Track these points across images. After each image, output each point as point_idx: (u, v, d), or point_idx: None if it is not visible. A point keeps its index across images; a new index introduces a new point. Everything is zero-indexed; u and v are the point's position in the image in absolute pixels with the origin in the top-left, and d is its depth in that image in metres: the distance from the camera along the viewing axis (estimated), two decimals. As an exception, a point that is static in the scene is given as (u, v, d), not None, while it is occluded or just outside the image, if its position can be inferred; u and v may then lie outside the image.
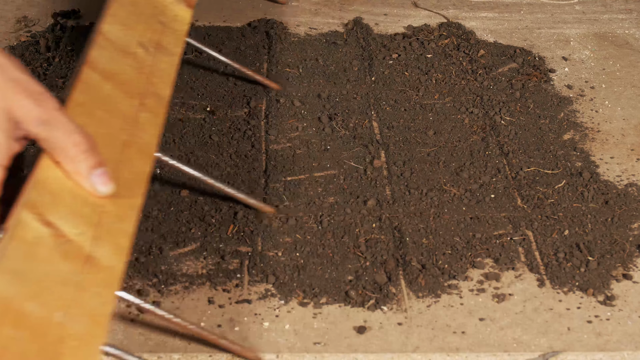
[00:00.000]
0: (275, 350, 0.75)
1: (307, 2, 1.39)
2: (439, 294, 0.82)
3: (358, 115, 1.08)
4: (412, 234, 0.89)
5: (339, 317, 0.79)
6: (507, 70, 1.19)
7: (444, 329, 0.78)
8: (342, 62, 1.19)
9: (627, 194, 0.95)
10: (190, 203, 0.92)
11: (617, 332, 0.78)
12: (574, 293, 0.82)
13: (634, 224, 0.91)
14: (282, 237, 0.88)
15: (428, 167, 0.98)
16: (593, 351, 0.76)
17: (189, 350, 0.75)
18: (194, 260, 0.85)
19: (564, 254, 0.86)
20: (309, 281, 0.83)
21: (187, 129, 1.04)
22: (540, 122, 1.07)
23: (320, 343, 0.76)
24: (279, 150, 1.01)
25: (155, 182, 0.95)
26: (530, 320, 0.79)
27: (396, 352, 0.76)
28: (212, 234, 0.88)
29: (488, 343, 0.77)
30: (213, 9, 1.35)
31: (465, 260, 0.86)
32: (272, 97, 1.11)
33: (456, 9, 1.37)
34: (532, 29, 1.31)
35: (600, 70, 1.20)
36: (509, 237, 0.89)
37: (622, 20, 1.35)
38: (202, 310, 0.79)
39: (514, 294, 0.82)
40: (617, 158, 1.02)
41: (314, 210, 0.92)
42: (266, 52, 1.22)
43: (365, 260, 0.85)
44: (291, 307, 0.80)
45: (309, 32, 1.28)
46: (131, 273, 0.82)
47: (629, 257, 0.87)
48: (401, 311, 0.80)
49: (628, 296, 0.82)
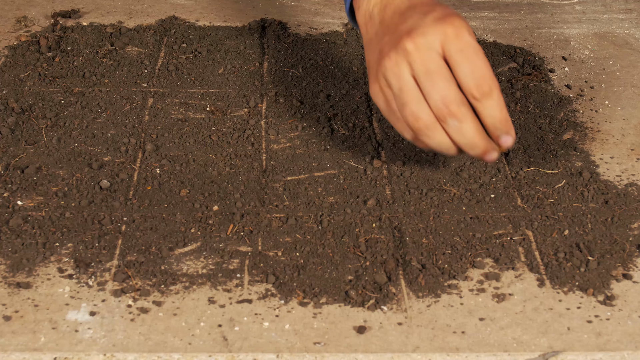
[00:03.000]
0: (275, 350, 0.75)
1: (307, 2, 1.39)
2: (439, 293, 0.82)
3: (358, 115, 1.08)
4: (412, 234, 0.89)
5: (339, 317, 0.79)
6: (507, 70, 1.19)
7: (444, 329, 0.78)
8: (342, 62, 1.19)
9: (627, 194, 0.95)
10: (190, 203, 0.92)
11: (617, 332, 0.78)
12: (574, 293, 0.83)
13: (634, 224, 0.91)
14: (282, 237, 0.88)
15: (428, 167, 0.98)
16: (593, 351, 0.76)
17: (189, 350, 0.75)
18: (194, 260, 0.85)
19: (564, 254, 0.86)
20: (309, 281, 0.83)
21: (187, 129, 1.04)
22: (540, 122, 1.07)
23: (320, 343, 0.76)
24: (279, 150, 1.01)
25: (155, 182, 0.95)
26: (530, 320, 0.79)
27: (396, 352, 0.76)
28: (212, 234, 0.88)
29: (488, 343, 0.77)
30: (213, 9, 1.35)
31: (465, 260, 0.86)
32: (272, 97, 1.11)
33: (456, 9, 1.37)
34: (532, 29, 1.31)
35: (600, 70, 1.20)
36: (509, 237, 0.89)
37: (622, 20, 1.35)
38: (202, 310, 0.79)
39: (514, 294, 0.82)
40: (617, 158, 1.02)
41: (314, 210, 0.92)
42: (266, 52, 1.22)
43: (365, 260, 0.85)
44: (291, 307, 0.80)
45: (309, 32, 1.28)
46: (131, 273, 0.82)
47: (629, 257, 0.87)
48: (401, 311, 0.80)
49: (628, 296, 0.82)
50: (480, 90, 0.83)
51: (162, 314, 0.79)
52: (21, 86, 1.12)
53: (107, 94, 1.11)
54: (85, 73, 1.15)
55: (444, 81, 0.83)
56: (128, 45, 1.23)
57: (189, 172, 0.97)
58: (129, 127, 1.04)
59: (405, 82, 0.84)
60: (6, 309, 0.78)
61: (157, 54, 1.21)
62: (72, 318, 0.78)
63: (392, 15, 0.88)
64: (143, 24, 1.28)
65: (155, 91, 1.12)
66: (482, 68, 0.83)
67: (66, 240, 0.87)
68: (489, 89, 0.83)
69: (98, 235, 0.87)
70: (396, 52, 0.84)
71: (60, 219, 0.89)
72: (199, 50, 1.22)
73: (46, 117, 1.05)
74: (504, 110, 0.84)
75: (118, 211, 0.90)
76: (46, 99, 1.09)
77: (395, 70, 0.84)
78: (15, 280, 0.82)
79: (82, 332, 0.76)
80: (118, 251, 0.85)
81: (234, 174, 0.97)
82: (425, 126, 0.84)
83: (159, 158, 0.99)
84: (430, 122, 0.83)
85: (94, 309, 0.79)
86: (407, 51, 0.83)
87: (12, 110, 1.06)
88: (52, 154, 0.99)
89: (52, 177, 0.95)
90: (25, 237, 0.86)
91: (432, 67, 0.83)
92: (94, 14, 1.32)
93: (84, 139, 1.02)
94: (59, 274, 0.82)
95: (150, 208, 0.91)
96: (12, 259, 0.84)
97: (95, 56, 1.19)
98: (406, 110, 0.84)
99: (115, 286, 0.81)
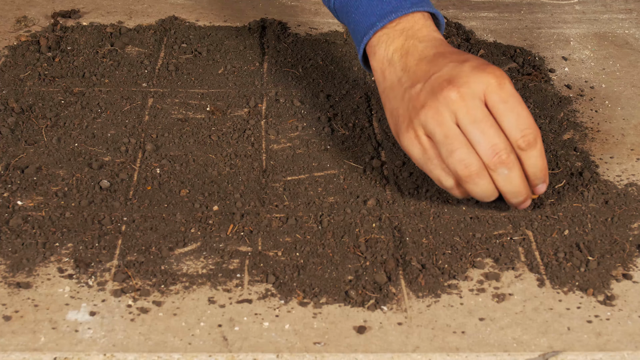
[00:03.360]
0: (275, 350, 0.75)
1: (307, 2, 1.39)
2: (439, 293, 0.82)
3: (358, 115, 1.08)
4: (412, 234, 0.89)
5: (339, 317, 0.79)
6: (507, 70, 1.19)
7: (444, 329, 0.78)
8: (342, 62, 1.19)
9: (627, 194, 0.95)
10: (190, 203, 0.92)
11: (617, 332, 0.78)
12: (574, 293, 0.82)
13: (634, 224, 0.91)
14: (282, 237, 0.88)
15: (428, 167, 0.98)
16: (593, 351, 0.76)
17: (189, 350, 0.75)
18: (194, 260, 0.85)
19: (564, 254, 0.86)
20: (309, 281, 0.83)
21: (187, 129, 1.04)
22: (540, 122, 1.07)
23: (320, 343, 0.76)
24: (279, 150, 1.01)
25: (155, 182, 0.95)
26: (530, 320, 0.79)
27: (396, 351, 0.76)
28: (212, 234, 0.88)
29: (488, 343, 0.77)
30: (213, 9, 1.35)
31: (465, 260, 0.86)
32: (272, 97, 1.11)
33: (456, 8, 1.37)
34: (532, 29, 1.31)
35: (600, 70, 1.20)
36: (509, 237, 0.89)
37: (622, 20, 1.35)
38: (202, 310, 0.79)
39: (514, 294, 0.82)
40: (617, 158, 1.02)
41: (314, 210, 0.92)
42: (266, 52, 1.22)
43: (365, 260, 0.85)
44: (291, 307, 0.80)
45: (309, 32, 1.28)
46: (131, 273, 0.82)
47: (629, 257, 0.87)
48: (401, 311, 0.80)
49: (628, 296, 0.82)
50: (526, 141, 0.84)
51: (162, 314, 0.79)
52: (21, 86, 1.12)
53: (107, 94, 1.11)
54: (85, 73, 1.15)
55: (492, 129, 0.84)
56: (128, 45, 1.23)
57: (189, 172, 0.97)
58: (129, 127, 1.04)
59: (450, 129, 0.84)
60: (6, 309, 0.78)
61: (157, 54, 1.21)
62: (72, 318, 0.78)
63: (417, 63, 0.89)
64: (143, 24, 1.28)
65: (155, 91, 1.12)
66: (527, 118, 0.85)
67: (66, 240, 0.87)
68: (534, 139, 0.85)
69: (98, 235, 0.87)
70: (437, 100, 0.84)
71: (60, 219, 0.89)
72: (199, 50, 1.22)
73: (46, 117, 1.05)
74: (545, 159, 0.86)
75: (118, 211, 0.90)
76: (46, 99, 1.09)
77: (438, 118, 0.84)
78: (15, 280, 0.82)
79: (82, 332, 0.76)
80: (118, 251, 0.85)
81: (234, 174, 0.97)
82: (476, 173, 0.84)
83: (159, 158, 0.99)
84: (480, 170, 0.84)
85: (94, 309, 0.79)
86: (450, 100, 0.84)
87: (12, 110, 1.06)
88: (52, 154, 0.99)
89: (52, 177, 0.95)
90: (25, 237, 0.86)
91: (479, 116, 0.84)
92: (94, 14, 1.32)
93: (84, 139, 1.02)
94: (59, 274, 0.82)
95: (150, 208, 0.91)
96: (12, 259, 0.84)
97: (95, 56, 1.19)
98: (454, 157, 0.84)
99: (115, 286, 0.81)
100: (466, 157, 0.84)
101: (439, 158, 0.86)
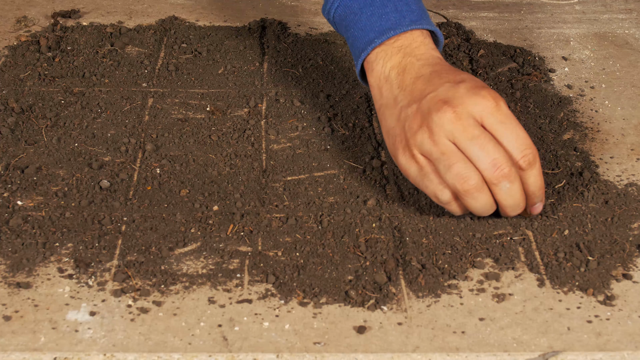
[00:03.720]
0: (275, 350, 0.75)
1: (307, 2, 1.39)
2: (439, 293, 0.82)
3: (358, 115, 1.08)
4: (412, 234, 0.89)
5: (339, 317, 0.79)
6: (507, 70, 1.19)
7: (444, 329, 0.78)
8: (342, 62, 1.19)
9: (627, 194, 0.95)
10: (190, 203, 0.92)
11: (617, 332, 0.78)
12: (574, 293, 0.82)
13: (634, 224, 0.91)
14: (282, 237, 0.88)
15: (428, 167, 0.98)
16: (593, 351, 0.76)
17: (189, 350, 0.75)
18: (194, 260, 0.85)
19: (564, 254, 0.86)
20: (309, 281, 0.83)
21: (187, 129, 1.04)
22: (540, 122, 1.07)
23: (320, 343, 0.76)
24: (279, 150, 1.01)
25: (155, 182, 0.95)
26: (530, 320, 0.79)
27: (396, 351, 0.76)
28: (212, 234, 0.88)
29: (488, 343, 0.77)
30: (213, 9, 1.35)
31: (465, 260, 0.86)
32: (272, 97, 1.11)
33: (456, 8, 1.37)
34: (532, 29, 1.31)
35: (600, 70, 1.20)
36: (509, 237, 0.89)
37: (622, 20, 1.35)
38: (202, 310, 0.79)
39: (514, 294, 0.82)
40: (617, 158, 1.02)
41: (314, 210, 0.92)
42: (266, 52, 1.22)
43: (365, 260, 0.85)
44: (291, 307, 0.80)
45: (309, 32, 1.28)
46: (131, 273, 0.82)
47: (629, 257, 0.87)
48: (401, 311, 0.80)
49: (628, 296, 0.82)
50: (526, 161, 0.85)
51: (162, 314, 0.79)
52: (21, 86, 1.12)
53: (107, 94, 1.11)
54: (85, 73, 1.15)
55: (491, 144, 0.84)
56: (128, 45, 1.23)
57: (189, 172, 0.97)
58: (129, 127, 1.04)
59: (447, 146, 0.84)
60: (6, 309, 0.78)
61: (157, 54, 1.21)
62: (72, 318, 0.78)
63: (413, 81, 0.89)
64: (143, 24, 1.29)
65: (155, 91, 1.12)
66: (525, 138, 0.85)
67: (66, 240, 0.87)
68: (534, 159, 0.85)
69: (98, 235, 0.87)
70: (432, 121, 0.85)
71: (60, 219, 0.89)
72: (199, 50, 1.22)
73: (46, 117, 1.05)
74: (542, 178, 0.87)
75: (118, 211, 0.90)
76: (46, 99, 1.09)
77: (434, 138, 0.84)
78: (15, 280, 0.82)
79: (82, 332, 0.76)
80: (118, 251, 0.85)
81: (234, 174, 0.97)
82: (475, 187, 0.84)
83: (159, 158, 0.99)
84: (479, 184, 0.84)
85: (94, 309, 0.79)
86: (447, 119, 0.84)
87: (12, 110, 1.06)
88: (52, 154, 0.99)
89: (52, 177, 0.95)
90: (25, 237, 0.86)
91: (476, 133, 0.84)
92: (94, 14, 1.32)
93: (84, 139, 1.02)
94: (59, 274, 0.82)
95: (150, 208, 0.91)
96: (12, 259, 0.84)
97: (95, 56, 1.19)
98: (452, 172, 0.84)
99: (115, 286, 0.81)
100: (465, 171, 0.84)
101: (436, 174, 0.86)
